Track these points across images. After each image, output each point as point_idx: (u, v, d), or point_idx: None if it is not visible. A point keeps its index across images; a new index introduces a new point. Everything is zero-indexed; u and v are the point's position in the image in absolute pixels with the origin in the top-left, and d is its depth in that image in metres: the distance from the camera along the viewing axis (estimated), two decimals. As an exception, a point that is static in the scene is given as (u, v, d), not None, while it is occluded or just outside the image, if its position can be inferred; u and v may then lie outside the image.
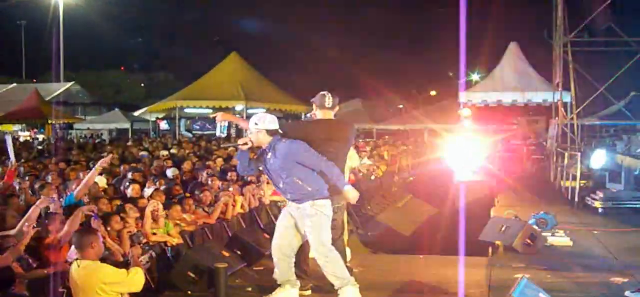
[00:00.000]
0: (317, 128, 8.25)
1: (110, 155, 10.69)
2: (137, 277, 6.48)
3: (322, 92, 8.38)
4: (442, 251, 10.11)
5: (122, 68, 78.33)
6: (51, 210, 8.52)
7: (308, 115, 9.00)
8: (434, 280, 9.14)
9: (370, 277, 9.36)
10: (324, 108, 8.31)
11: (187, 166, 15.88)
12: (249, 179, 13.51)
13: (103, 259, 6.72)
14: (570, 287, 8.76)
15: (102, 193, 11.16)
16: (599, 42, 21.27)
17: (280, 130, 8.06)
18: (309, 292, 8.40)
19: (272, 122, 7.88)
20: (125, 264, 7.07)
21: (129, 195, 11.44)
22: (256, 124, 7.81)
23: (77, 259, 6.42)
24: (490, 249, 10.92)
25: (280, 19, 74.70)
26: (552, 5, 21.52)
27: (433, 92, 65.52)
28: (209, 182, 13.27)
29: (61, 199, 10.06)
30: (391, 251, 10.38)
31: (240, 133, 31.27)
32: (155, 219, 9.98)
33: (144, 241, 9.04)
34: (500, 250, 10.56)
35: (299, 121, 8.93)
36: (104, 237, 7.86)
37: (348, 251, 10.09)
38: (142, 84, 75.27)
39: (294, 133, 8.44)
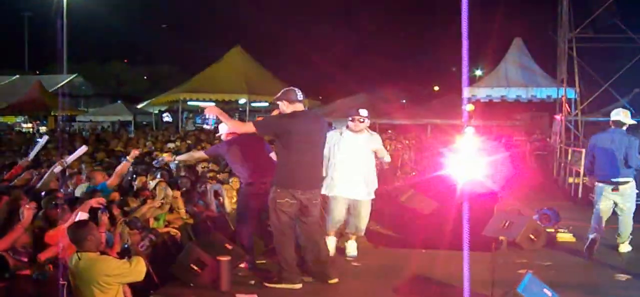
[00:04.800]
0: (296, 121, 8.28)
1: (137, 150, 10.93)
2: (139, 267, 6.43)
3: (288, 88, 8.47)
4: (445, 246, 10.07)
5: (126, 60, 78.20)
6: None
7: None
8: (438, 275, 9.11)
9: (373, 272, 9.35)
10: (294, 102, 8.36)
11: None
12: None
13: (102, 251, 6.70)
14: (574, 283, 8.74)
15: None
16: (604, 38, 21.17)
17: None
18: (299, 285, 8.44)
19: None
20: (126, 253, 7.03)
21: (135, 187, 11.41)
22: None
23: (77, 252, 6.38)
24: (493, 245, 10.89)
25: (284, 12, 74.65)
26: (556, 0, 21.46)
27: (436, 88, 65.40)
28: (207, 175, 13.23)
29: (63, 189, 10.10)
30: (393, 245, 10.32)
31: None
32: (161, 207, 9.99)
33: (140, 225, 8.98)
34: (504, 245, 10.53)
35: (273, 117, 9.03)
36: (109, 229, 7.83)
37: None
38: (145, 77, 75.10)
39: (272, 129, 8.55)
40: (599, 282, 8.91)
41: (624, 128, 10.57)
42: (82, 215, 7.20)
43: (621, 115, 10.60)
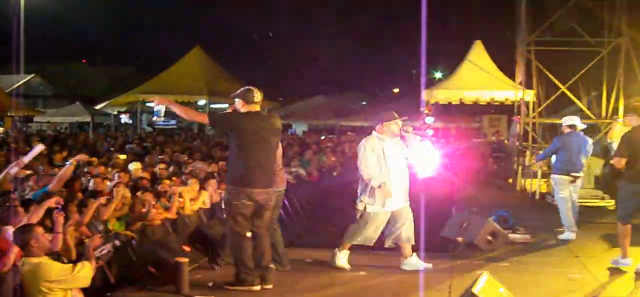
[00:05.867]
0: (249, 120, 8.27)
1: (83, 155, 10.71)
2: (83, 272, 6.30)
3: (247, 87, 8.45)
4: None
5: (84, 61, 77.42)
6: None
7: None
8: (395, 276, 9.15)
9: (331, 273, 9.35)
10: (251, 103, 8.35)
11: (150, 160, 15.76)
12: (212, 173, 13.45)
13: (58, 256, 6.61)
14: (530, 284, 8.83)
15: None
16: (562, 42, 21.36)
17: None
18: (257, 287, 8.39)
19: None
20: (79, 256, 6.95)
21: (90, 188, 11.29)
22: None
23: (23, 256, 6.29)
24: (451, 246, 10.95)
25: (245, 14, 74.51)
26: (515, 4, 21.63)
27: (395, 90, 65.58)
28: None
29: (18, 191, 9.96)
30: (350, 246, 10.33)
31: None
32: (119, 209, 9.91)
33: (102, 228, 8.91)
34: (462, 246, 10.60)
35: (226, 113, 8.97)
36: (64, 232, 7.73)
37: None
38: (105, 77, 74.37)
39: (224, 125, 8.54)
40: (554, 282, 9.00)
41: (579, 131, 12.48)
42: (35, 217, 7.13)
43: (576, 120, 12.73)
